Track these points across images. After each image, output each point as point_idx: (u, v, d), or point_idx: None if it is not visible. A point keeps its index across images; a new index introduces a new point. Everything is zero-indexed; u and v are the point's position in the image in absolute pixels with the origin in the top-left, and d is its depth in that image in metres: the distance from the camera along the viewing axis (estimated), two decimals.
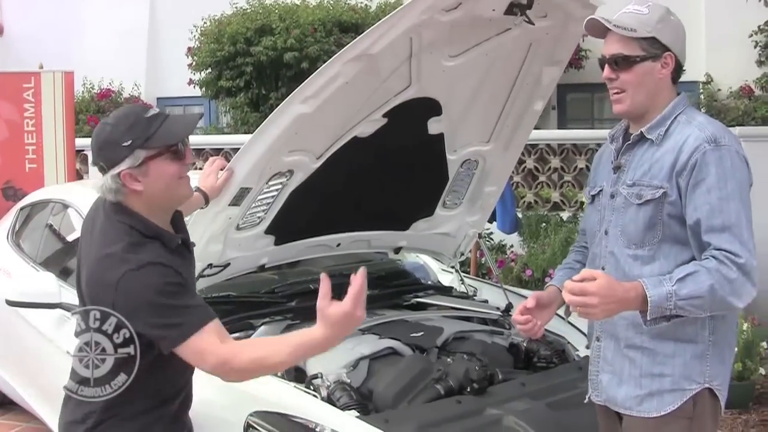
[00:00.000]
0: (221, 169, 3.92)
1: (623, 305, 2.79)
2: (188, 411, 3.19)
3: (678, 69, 3.07)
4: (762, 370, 6.76)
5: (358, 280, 2.67)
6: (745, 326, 6.55)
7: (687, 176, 2.89)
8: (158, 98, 15.61)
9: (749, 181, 2.94)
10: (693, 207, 2.88)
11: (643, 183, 3.01)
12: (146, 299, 2.70)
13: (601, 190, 3.23)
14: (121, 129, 2.79)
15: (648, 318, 2.77)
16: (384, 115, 4.16)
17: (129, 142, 2.76)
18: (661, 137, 3.01)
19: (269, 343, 2.88)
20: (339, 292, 4.97)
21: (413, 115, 4.27)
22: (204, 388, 3.86)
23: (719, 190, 2.84)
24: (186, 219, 4.11)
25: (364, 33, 3.73)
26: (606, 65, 3.08)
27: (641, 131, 3.07)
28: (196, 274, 4.17)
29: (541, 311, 3.29)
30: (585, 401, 3.32)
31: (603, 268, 3.12)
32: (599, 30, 3.09)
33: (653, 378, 3.00)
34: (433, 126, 4.44)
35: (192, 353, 2.72)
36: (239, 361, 2.71)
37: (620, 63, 3.03)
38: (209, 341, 2.70)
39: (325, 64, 3.79)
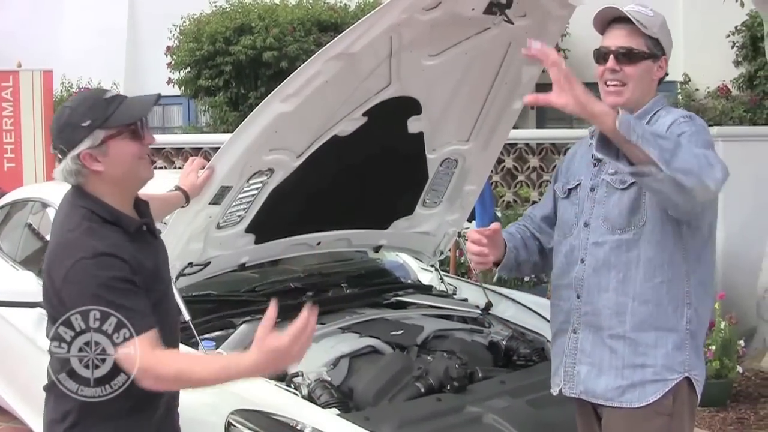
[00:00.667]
0: (201, 168, 3.92)
1: (592, 103, 2.70)
2: (173, 426, 3.19)
3: (664, 74, 3.22)
4: (739, 369, 6.82)
5: (301, 319, 2.58)
6: (722, 325, 6.59)
7: None
8: None
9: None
10: None
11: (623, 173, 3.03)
12: (91, 291, 2.69)
13: (578, 184, 3.25)
14: (80, 111, 2.82)
15: (617, 125, 2.65)
16: (364, 114, 4.18)
17: (88, 123, 2.79)
18: None
19: (198, 359, 2.85)
20: (318, 290, 5.02)
21: (393, 114, 4.29)
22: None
23: (690, 138, 2.88)
24: (166, 218, 4.15)
25: (345, 32, 3.75)
26: (611, 56, 3.12)
27: None
28: (176, 273, 4.20)
29: (493, 246, 3.29)
30: (554, 394, 3.34)
31: (582, 261, 3.15)
32: (603, 24, 3.18)
33: (635, 368, 3.03)
34: (413, 125, 4.46)
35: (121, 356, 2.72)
36: (164, 371, 2.70)
37: (626, 56, 3.10)
38: (140, 348, 2.68)
39: (306, 62, 3.80)
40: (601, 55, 3.16)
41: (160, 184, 3.54)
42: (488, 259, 3.27)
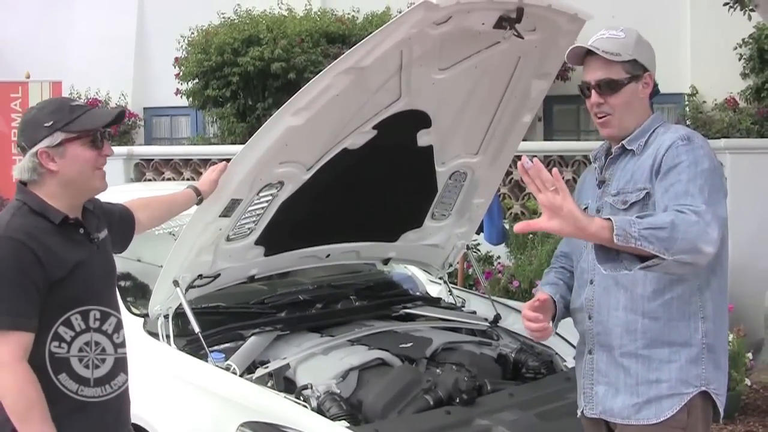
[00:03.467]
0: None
1: (587, 227, 2.67)
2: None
3: (654, 87, 3.19)
4: (747, 381, 6.81)
5: None
6: (730, 337, 6.59)
7: (659, 166, 2.98)
8: (145, 108, 15.59)
9: (721, 175, 3.00)
10: (664, 188, 2.92)
11: (627, 190, 3.08)
12: None
13: (586, 208, 3.24)
14: (45, 112, 2.99)
15: (615, 239, 2.64)
16: (374, 127, 4.20)
17: (50, 123, 2.93)
18: (641, 147, 3.11)
19: (38, 396, 2.84)
20: (327, 303, 5.03)
21: (403, 128, 4.30)
22: (194, 398, 3.91)
23: (687, 172, 2.89)
24: (177, 224, 4.18)
25: (356, 46, 3.76)
26: (592, 91, 3.16)
27: (622, 143, 3.15)
28: (186, 284, 4.22)
29: (545, 311, 3.23)
30: (578, 416, 3.33)
31: (591, 282, 3.15)
32: (579, 58, 3.20)
33: (650, 384, 3.02)
34: (423, 138, 4.47)
35: None
36: (7, 379, 2.78)
37: (607, 87, 3.12)
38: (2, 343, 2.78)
39: (316, 76, 3.82)
40: (583, 90, 3.21)
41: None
42: (547, 327, 3.21)
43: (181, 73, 13.08)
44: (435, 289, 5.74)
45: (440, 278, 5.59)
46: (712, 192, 2.86)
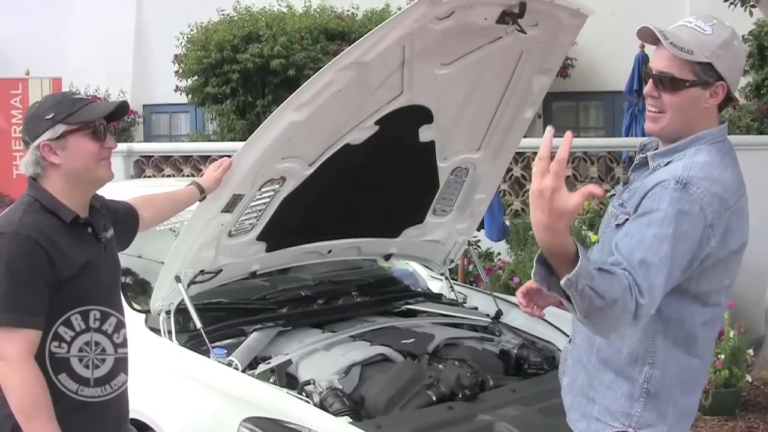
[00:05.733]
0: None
1: (551, 235, 2.31)
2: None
3: (726, 100, 2.76)
4: (748, 378, 6.81)
5: None
6: (731, 334, 6.60)
7: (639, 203, 2.67)
8: (144, 105, 15.61)
9: (696, 240, 2.59)
10: (626, 231, 2.62)
11: (625, 208, 2.79)
12: None
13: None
14: (46, 105, 3.00)
15: (563, 280, 2.33)
16: (376, 123, 4.20)
17: (51, 116, 2.94)
18: (661, 167, 2.76)
19: (44, 395, 2.85)
20: (328, 298, 5.04)
21: (405, 123, 4.30)
22: (196, 394, 3.90)
23: (659, 227, 2.55)
24: (179, 220, 4.18)
25: (358, 41, 3.76)
26: (650, 81, 2.76)
27: (648, 155, 2.84)
28: (188, 280, 4.21)
29: (542, 295, 3.05)
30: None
31: None
32: (652, 37, 2.71)
33: (588, 401, 2.88)
34: (425, 133, 4.47)
35: None
36: (14, 377, 2.80)
37: (667, 83, 2.71)
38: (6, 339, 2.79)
39: (319, 72, 3.82)
40: (645, 77, 2.88)
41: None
42: (534, 309, 3.09)
43: (180, 70, 13.09)
44: (436, 285, 5.74)
45: (441, 274, 5.59)
46: (669, 268, 2.52)
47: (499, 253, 9.45)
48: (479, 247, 9.14)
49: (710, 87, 2.70)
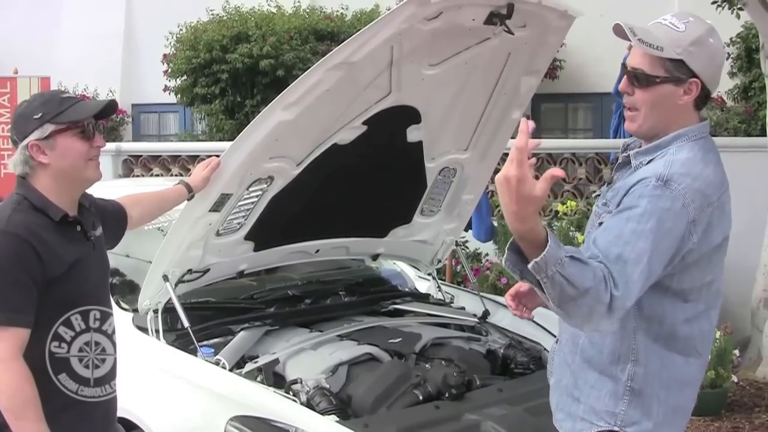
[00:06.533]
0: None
1: (520, 221, 2.36)
2: None
3: (703, 97, 2.77)
4: (734, 378, 6.84)
5: None
6: (717, 334, 6.62)
7: (621, 199, 2.68)
8: (133, 104, 15.58)
9: (677, 237, 2.60)
10: (605, 226, 2.64)
11: (608, 207, 2.81)
12: None
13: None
14: (34, 104, 2.99)
15: (531, 263, 2.37)
16: (364, 123, 4.20)
17: (39, 115, 2.93)
18: (642, 165, 2.77)
19: (34, 397, 2.84)
20: (316, 298, 5.04)
21: (393, 123, 4.31)
22: (184, 392, 3.91)
23: (638, 222, 2.56)
24: (167, 219, 4.18)
25: (346, 41, 3.77)
26: (625, 77, 2.80)
27: (630, 155, 2.85)
28: (176, 279, 4.22)
29: (531, 297, 3.08)
30: None
31: None
32: (624, 35, 2.74)
33: (573, 400, 2.89)
34: (413, 134, 4.48)
35: None
36: (3, 375, 2.79)
37: (638, 79, 2.74)
38: None
39: (307, 71, 3.83)
40: (621, 73, 2.87)
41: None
42: (524, 310, 3.12)
43: (169, 70, 13.07)
44: (424, 285, 5.75)
45: (429, 274, 5.60)
46: (647, 263, 2.53)
47: (487, 254, 9.46)
48: (467, 248, 9.15)
49: (683, 84, 2.71)
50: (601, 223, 2.73)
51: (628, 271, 2.51)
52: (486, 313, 5.15)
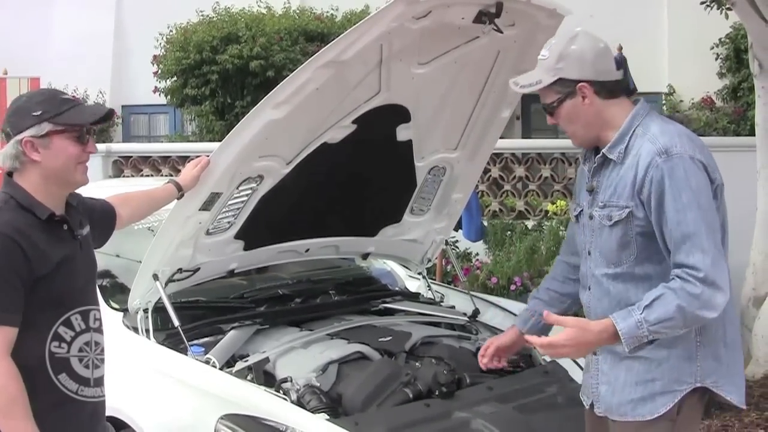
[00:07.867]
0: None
1: (597, 344, 2.96)
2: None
3: (605, 88, 3.07)
4: None
5: None
6: None
7: (647, 193, 2.94)
8: (123, 105, 15.55)
9: (707, 185, 2.94)
10: (659, 226, 2.93)
11: (612, 204, 3.05)
12: None
13: (581, 211, 3.26)
14: (34, 101, 2.96)
15: (626, 349, 2.86)
16: (353, 122, 4.21)
17: (39, 113, 2.91)
18: (622, 155, 3.04)
19: (22, 396, 2.82)
20: (306, 297, 5.04)
21: (382, 122, 4.31)
22: (174, 391, 3.91)
23: (674, 201, 2.87)
24: (156, 218, 4.18)
25: (336, 40, 3.78)
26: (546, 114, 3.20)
27: (603, 152, 3.10)
28: (166, 278, 4.21)
29: (503, 352, 3.61)
30: (586, 407, 3.35)
31: (589, 288, 3.19)
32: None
33: (646, 384, 3.04)
34: (402, 133, 4.49)
35: None
36: None
37: (548, 111, 3.15)
38: None
39: (297, 70, 3.83)
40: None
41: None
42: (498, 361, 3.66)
43: (159, 71, 13.05)
44: (414, 285, 5.75)
45: (419, 273, 5.60)
46: (707, 224, 2.89)
47: (477, 254, 9.48)
48: (457, 247, 9.17)
49: (575, 94, 3.06)
50: (616, 222, 3.03)
51: (696, 242, 2.85)
52: (476, 312, 5.16)
